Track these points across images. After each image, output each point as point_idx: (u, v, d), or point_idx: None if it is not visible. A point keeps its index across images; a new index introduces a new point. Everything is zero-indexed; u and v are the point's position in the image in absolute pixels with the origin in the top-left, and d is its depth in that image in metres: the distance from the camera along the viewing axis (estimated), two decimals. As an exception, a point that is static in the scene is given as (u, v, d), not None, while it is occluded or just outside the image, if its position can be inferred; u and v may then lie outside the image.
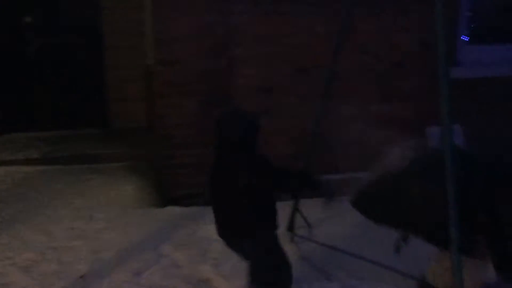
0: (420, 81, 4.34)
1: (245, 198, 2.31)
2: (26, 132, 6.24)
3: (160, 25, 4.26)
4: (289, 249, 3.24)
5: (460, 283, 2.11)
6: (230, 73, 4.21)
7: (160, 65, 4.30)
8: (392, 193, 2.31)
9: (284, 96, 4.31)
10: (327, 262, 3.20)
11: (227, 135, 2.34)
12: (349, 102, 4.11)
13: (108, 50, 6.51)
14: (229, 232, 2.44)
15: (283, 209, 3.68)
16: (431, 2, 2.28)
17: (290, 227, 3.52)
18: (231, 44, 4.18)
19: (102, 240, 3.53)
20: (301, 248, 3.34)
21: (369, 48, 4.33)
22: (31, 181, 4.87)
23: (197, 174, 4.19)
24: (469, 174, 2.16)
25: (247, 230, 2.37)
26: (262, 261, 2.44)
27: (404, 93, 4.42)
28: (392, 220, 2.37)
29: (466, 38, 4.49)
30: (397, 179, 2.30)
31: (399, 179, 2.29)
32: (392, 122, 4.28)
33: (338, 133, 3.81)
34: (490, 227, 2.11)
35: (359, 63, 4.30)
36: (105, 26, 6.48)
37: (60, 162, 5.36)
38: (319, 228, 3.60)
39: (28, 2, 6.34)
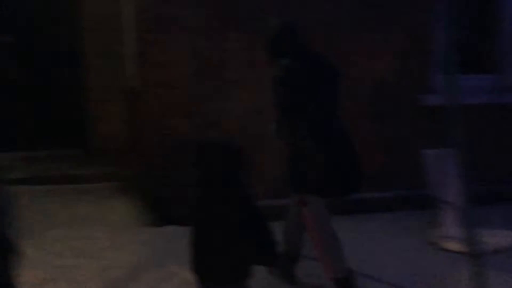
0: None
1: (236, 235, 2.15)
2: (6, 152, 6.18)
3: (152, 49, 4.44)
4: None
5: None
6: (228, 96, 4.41)
7: (154, 88, 4.46)
8: None
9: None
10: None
11: (209, 169, 2.22)
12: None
13: (88, 71, 6.58)
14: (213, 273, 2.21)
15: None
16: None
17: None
18: (227, 68, 4.41)
19: (108, 259, 3.62)
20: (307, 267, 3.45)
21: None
22: (23, 201, 4.85)
23: (194, 192, 4.37)
24: None
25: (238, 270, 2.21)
26: None
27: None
28: None
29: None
30: None
31: None
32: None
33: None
34: None
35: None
36: (86, 47, 6.55)
37: (47, 182, 5.36)
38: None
39: (7, 23, 6.34)
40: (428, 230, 4.09)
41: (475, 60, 5.23)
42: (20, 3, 6.38)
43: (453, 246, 3.73)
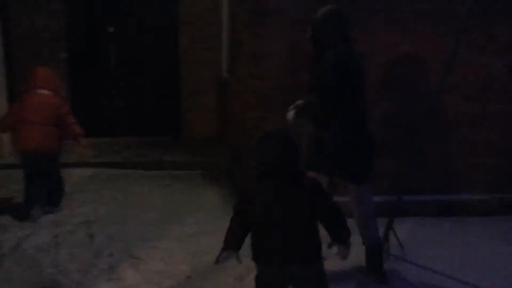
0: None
1: (306, 222, 2.23)
2: (105, 137, 6.56)
3: (250, 41, 4.45)
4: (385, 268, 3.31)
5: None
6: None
7: (249, 79, 4.47)
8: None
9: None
10: (425, 284, 3.22)
11: (277, 159, 2.22)
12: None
13: (184, 62, 6.79)
14: (286, 258, 2.23)
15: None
16: None
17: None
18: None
19: (198, 244, 3.68)
20: (396, 268, 3.36)
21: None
22: (118, 183, 5.13)
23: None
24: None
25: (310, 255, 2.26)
26: None
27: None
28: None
29: None
30: None
31: None
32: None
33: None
34: None
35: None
36: (181, 39, 6.77)
37: (140, 167, 5.61)
38: (415, 248, 3.63)
39: (111, 14, 6.70)
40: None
41: None
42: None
43: None
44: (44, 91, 4.17)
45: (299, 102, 3.25)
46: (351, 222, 2.52)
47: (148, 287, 3.07)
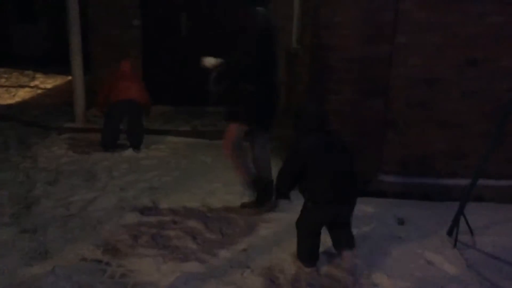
0: None
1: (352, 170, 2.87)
2: (173, 105, 6.64)
3: (322, 9, 4.21)
4: (452, 255, 3.10)
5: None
6: (391, 62, 4.07)
7: (318, 50, 4.26)
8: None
9: (446, 90, 4.08)
10: (495, 273, 2.98)
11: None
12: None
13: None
14: (341, 198, 2.83)
15: (444, 211, 3.54)
16: None
17: (451, 232, 3.33)
18: (395, 31, 4.03)
19: (256, 217, 3.63)
20: (464, 255, 3.15)
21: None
22: (183, 152, 5.19)
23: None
24: None
25: (354, 196, 2.91)
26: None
27: None
28: None
29: None
30: None
31: None
32: None
33: None
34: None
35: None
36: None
37: (206, 136, 5.63)
38: (484, 235, 3.37)
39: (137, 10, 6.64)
40: None
41: None
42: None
43: None
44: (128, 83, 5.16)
45: (216, 61, 3.63)
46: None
47: (205, 257, 3.06)
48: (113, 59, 6.60)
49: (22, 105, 7.20)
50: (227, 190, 4.15)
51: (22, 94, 8.12)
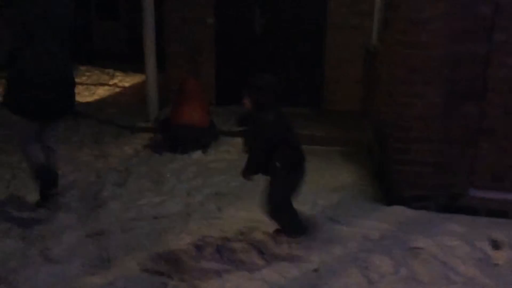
0: None
1: None
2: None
3: (408, 3, 3.81)
4: None
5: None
6: (488, 62, 3.58)
7: (403, 48, 3.86)
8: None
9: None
10: None
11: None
12: None
13: (331, 28, 6.32)
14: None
15: None
16: None
17: None
18: (495, 27, 3.54)
19: (329, 232, 3.33)
20: None
21: None
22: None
23: (434, 174, 3.73)
24: None
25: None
26: None
27: None
28: None
29: None
30: None
31: None
32: None
33: None
34: None
35: None
36: (331, 3, 6.28)
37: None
38: None
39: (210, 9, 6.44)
40: None
41: None
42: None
43: None
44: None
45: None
46: None
47: (272, 275, 2.81)
48: (187, 58, 6.58)
49: (100, 103, 7.37)
50: (300, 198, 3.86)
51: (101, 92, 8.34)
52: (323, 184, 4.20)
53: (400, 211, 3.65)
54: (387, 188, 3.97)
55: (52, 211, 3.58)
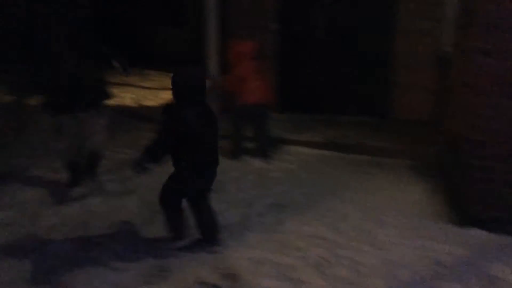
0: None
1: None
2: (305, 113, 6.31)
3: (487, 7, 3.51)
4: None
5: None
6: None
7: (481, 56, 3.55)
8: None
9: None
10: None
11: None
12: None
13: (399, 33, 6.03)
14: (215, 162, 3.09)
15: None
16: None
17: None
18: None
19: (395, 253, 3.10)
20: None
21: None
22: (314, 165, 4.81)
23: (513, 194, 3.40)
24: None
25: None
26: None
27: None
28: None
29: None
30: None
31: None
32: None
33: None
34: None
35: None
36: (401, 6, 5.99)
37: (341, 149, 5.18)
38: None
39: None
40: None
41: None
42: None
43: None
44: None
45: None
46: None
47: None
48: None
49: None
50: (363, 215, 3.67)
51: (165, 96, 8.46)
52: (389, 201, 3.95)
53: (476, 235, 3.35)
54: (462, 208, 3.67)
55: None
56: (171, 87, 2.90)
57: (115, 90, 4.22)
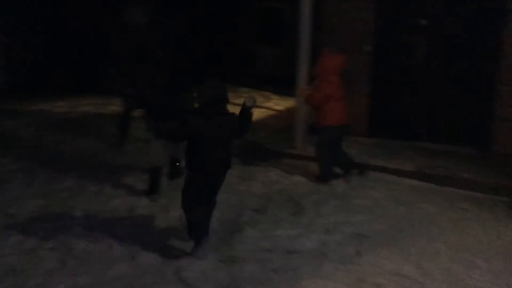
0: None
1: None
2: (398, 139, 6.02)
3: None
4: None
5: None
6: None
7: None
8: None
9: None
10: None
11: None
12: None
13: (505, 58, 5.58)
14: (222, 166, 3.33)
15: None
16: None
17: None
18: None
19: (487, 302, 2.82)
20: None
21: None
22: (402, 195, 4.56)
23: None
24: None
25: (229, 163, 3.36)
26: None
27: None
28: None
29: None
30: None
31: None
32: None
33: None
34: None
35: None
36: (506, 31, 5.56)
37: (432, 180, 4.86)
38: None
39: (424, 4, 6.02)
40: None
41: None
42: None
43: None
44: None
45: None
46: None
47: None
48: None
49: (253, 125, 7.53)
50: (454, 255, 3.38)
51: (256, 114, 8.54)
52: (483, 242, 3.61)
53: None
54: None
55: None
56: (198, 96, 3.22)
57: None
